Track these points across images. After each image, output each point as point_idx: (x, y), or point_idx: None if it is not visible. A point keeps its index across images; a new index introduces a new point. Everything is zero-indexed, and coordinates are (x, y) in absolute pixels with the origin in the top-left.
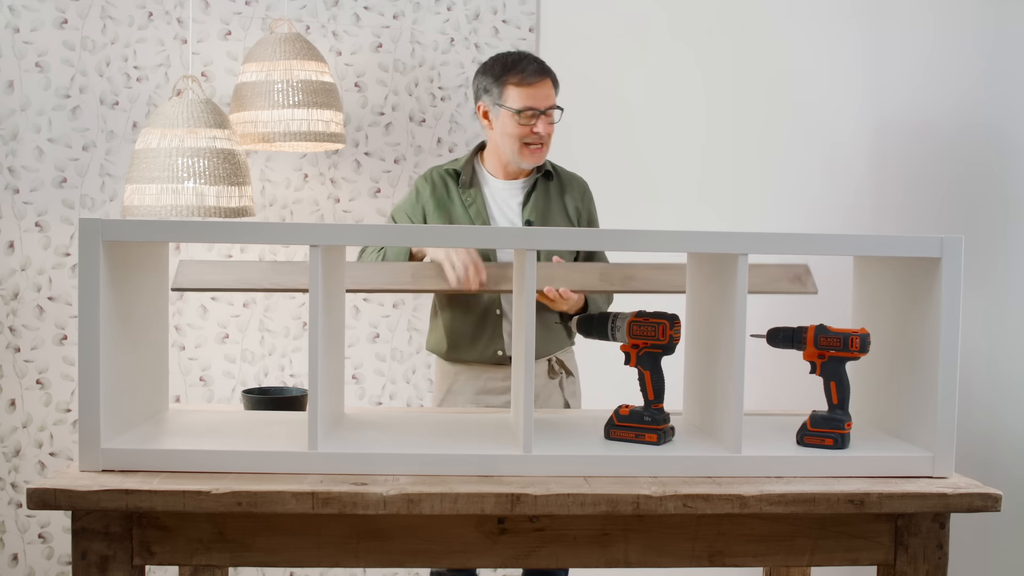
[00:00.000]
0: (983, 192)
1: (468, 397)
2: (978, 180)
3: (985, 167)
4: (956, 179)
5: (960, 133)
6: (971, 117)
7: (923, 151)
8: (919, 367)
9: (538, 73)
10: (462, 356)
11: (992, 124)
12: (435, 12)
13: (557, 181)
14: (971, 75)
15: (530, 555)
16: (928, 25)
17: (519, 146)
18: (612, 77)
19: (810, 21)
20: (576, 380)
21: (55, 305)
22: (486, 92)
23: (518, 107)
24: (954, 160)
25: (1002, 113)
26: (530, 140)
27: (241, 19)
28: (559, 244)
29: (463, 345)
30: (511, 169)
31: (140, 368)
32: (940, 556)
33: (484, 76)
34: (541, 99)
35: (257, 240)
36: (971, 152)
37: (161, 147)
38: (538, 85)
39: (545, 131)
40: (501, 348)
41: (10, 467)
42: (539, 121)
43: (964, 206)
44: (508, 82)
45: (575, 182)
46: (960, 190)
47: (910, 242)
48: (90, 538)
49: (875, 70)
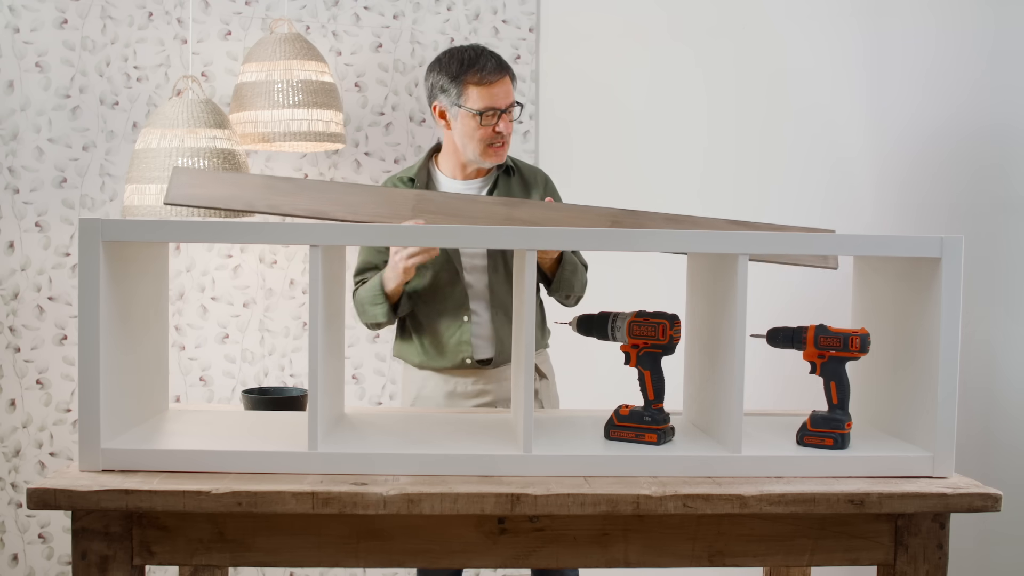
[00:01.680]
0: (983, 192)
1: (437, 402)
2: (978, 180)
3: (985, 167)
4: (956, 179)
5: (960, 133)
6: (972, 117)
7: (923, 151)
8: (919, 367)
9: (497, 70)
10: (430, 362)
11: (993, 124)
12: (435, 12)
13: (519, 176)
14: (972, 75)
15: (530, 555)
16: (929, 25)
17: (482, 147)
18: (612, 77)
19: (810, 21)
20: (551, 384)
21: (55, 305)
22: (443, 91)
23: (479, 108)
24: (954, 160)
25: (1003, 113)
26: (493, 140)
27: (241, 19)
28: (559, 244)
29: (431, 352)
30: (470, 170)
31: (140, 368)
32: (940, 556)
33: (439, 74)
34: (502, 98)
35: (257, 240)
36: (971, 152)
37: (161, 147)
38: (498, 83)
39: (507, 130)
40: (470, 356)
41: (10, 467)
42: (500, 120)
43: (964, 206)
44: (467, 81)
45: (538, 176)
46: (960, 190)
47: (910, 242)
48: (90, 538)
49: (876, 70)
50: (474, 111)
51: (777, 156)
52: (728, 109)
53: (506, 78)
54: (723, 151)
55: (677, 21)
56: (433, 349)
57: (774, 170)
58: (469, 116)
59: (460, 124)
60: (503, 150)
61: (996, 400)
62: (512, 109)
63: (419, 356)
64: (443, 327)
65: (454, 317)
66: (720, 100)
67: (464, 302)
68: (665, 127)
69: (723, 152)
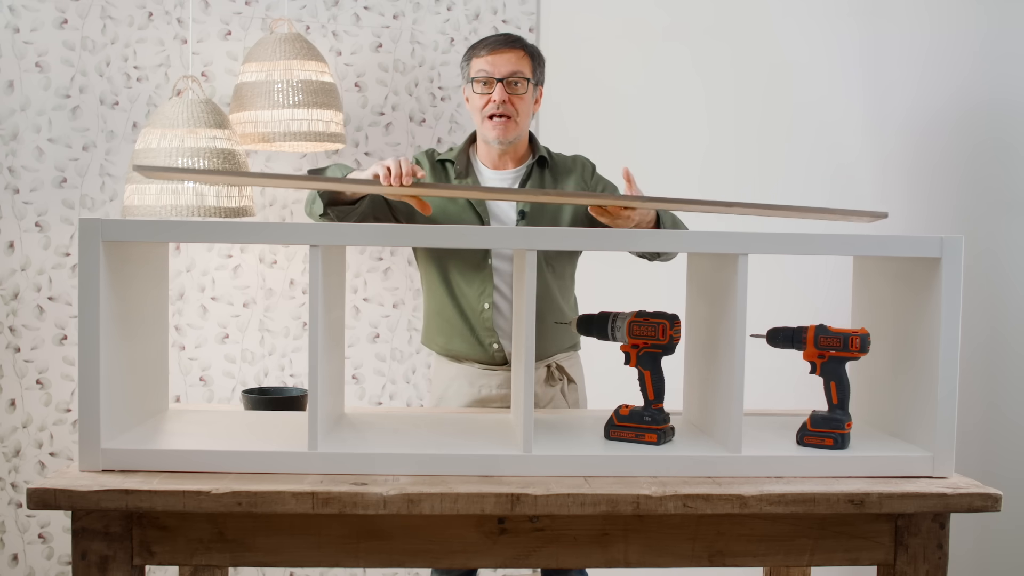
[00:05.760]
0: (983, 192)
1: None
2: (978, 180)
3: (985, 167)
4: (956, 179)
5: (961, 133)
6: (971, 117)
7: (923, 151)
8: (919, 367)
9: (503, 43)
10: (455, 350)
11: (993, 124)
12: (435, 12)
13: (551, 169)
14: (970, 74)
15: (530, 555)
16: (925, 25)
17: (481, 118)
18: (612, 77)
19: (809, 21)
20: (579, 388)
21: (55, 305)
22: (461, 73)
23: (473, 75)
24: (955, 160)
25: (1003, 112)
26: (491, 111)
27: (241, 19)
28: (559, 244)
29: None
30: (500, 158)
31: (140, 368)
32: (940, 556)
33: (463, 59)
34: (500, 65)
35: (257, 240)
36: (971, 152)
37: (161, 147)
38: (499, 52)
39: (501, 97)
40: (496, 342)
41: (10, 467)
42: (495, 89)
43: (964, 206)
44: (473, 56)
45: (575, 164)
46: (960, 190)
47: (910, 242)
48: (90, 538)
49: (874, 69)
50: (469, 79)
51: (777, 155)
52: (728, 109)
53: (511, 51)
54: (723, 151)
55: (676, 21)
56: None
57: (774, 169)
58: (469, 88)
59: (469, 100)
60: (505, 124)
61: (996, 400)
62: (515, 82)
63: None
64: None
65: (474, 307)
66: (720, 100)
67: (488, 289)
68: (665, 127)
69: (723, 152)
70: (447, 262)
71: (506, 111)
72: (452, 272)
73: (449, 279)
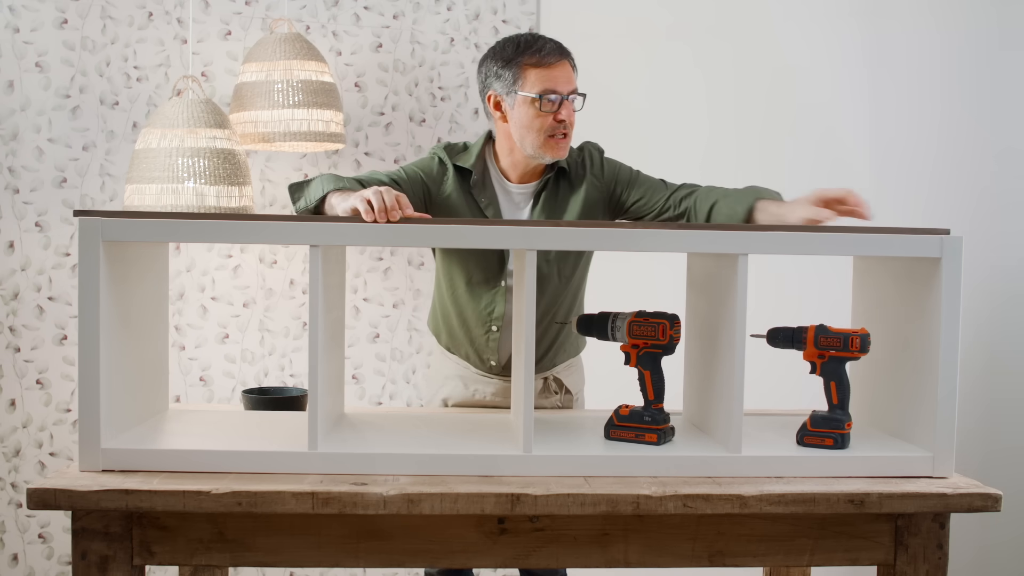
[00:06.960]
0: (984, 192)
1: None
2: (979, 180)
3: (985, 167)
4: (956, 179)
5: (961, 133)
6: (972, 117)
7: (923, 152)
8: (919, 367)
9: (557, 53)
10: (455, 350)
11: (993, 124)
12: (435, 12)
13: (567, 178)
14: (971, 75)
15: (530, 555)
16: (929, 25)
17: (542, 139)
18: (613, 77)
19: (810, 21)
20: (575, 400)
21: (55, 305)
22: (497, 78)
23: (538, 91)
24: (955, 161)
25: (1003, 112)
26: (554, 130)
27: (241, 19)
28: (559, 244)
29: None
30: (525, 170)
31: (140, 368)
32: (940, 556)
33: (494, 60)
34: (563, 82)
35: (257, 240)
36: (971, 152)
37: (161, 147)
38: (558, 66)
39: (569, 119)
40: (494, 359)
41: (10, 467)
42: (562, 108)
43: (965, 206)
44: (524, 64)
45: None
46: (961, 190)
47: (910, 242)
48: (90, 538)
49: (876, 70)
50: (533, 95)
51: (778, 155)
52: (729, 109)
53: (566, 63)
54: (724, 151)
55: (678, 21)
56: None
57: (775, 169)
58: (527, 102)
59: (517, 113)
60: (565, 142)
61: (996, 400)
62: (575, 98)
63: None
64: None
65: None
66: (721, 100)
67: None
68: (666, 127)
69: (724, 152)
70: (460, 268)
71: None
72: (461, 283)
73: (456, 292)
